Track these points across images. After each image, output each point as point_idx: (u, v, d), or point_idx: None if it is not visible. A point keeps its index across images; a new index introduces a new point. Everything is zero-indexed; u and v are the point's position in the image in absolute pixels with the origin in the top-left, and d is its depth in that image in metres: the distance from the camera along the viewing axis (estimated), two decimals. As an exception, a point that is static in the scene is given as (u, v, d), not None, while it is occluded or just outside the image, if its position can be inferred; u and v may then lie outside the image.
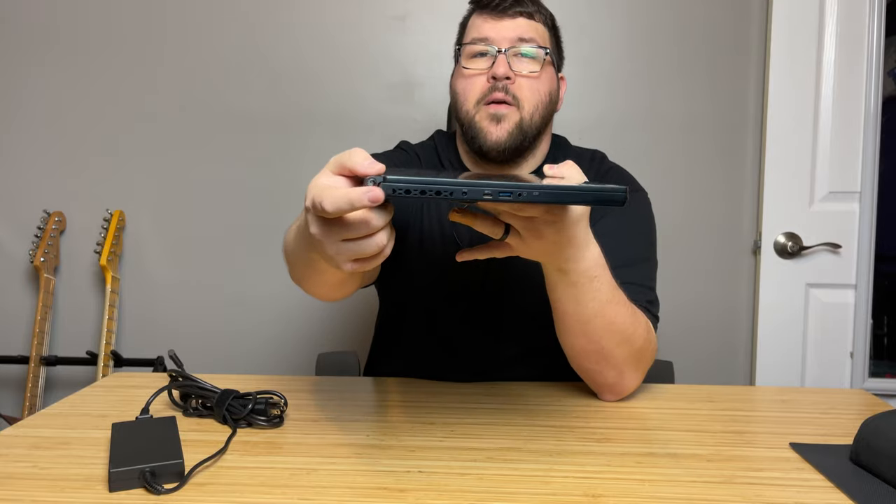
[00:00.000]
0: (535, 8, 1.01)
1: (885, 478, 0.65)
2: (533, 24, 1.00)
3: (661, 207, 1.71)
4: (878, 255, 1.66)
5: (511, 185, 0.59)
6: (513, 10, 0.99)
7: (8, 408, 1.86)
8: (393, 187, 0.56)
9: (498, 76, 0.96)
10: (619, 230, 1.00)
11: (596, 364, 0.88)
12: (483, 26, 1.00)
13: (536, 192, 0.59)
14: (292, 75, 1.77)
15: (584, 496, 0.62)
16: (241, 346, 1.83)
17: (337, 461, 0.70)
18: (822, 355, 1.67)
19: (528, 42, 0.98)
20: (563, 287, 0.82)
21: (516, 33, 0.98)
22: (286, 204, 1.79)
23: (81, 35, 1.79)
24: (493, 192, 0.58)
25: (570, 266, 0.79)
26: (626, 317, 0.86)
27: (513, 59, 0.98)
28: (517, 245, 0.76)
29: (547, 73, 1.00)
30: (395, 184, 0.56)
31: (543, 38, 1.01)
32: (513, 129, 0.97)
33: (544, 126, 1.02)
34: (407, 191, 0.57)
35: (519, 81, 0.97)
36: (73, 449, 0.73)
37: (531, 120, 0.98)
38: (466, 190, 0.58)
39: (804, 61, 1.63)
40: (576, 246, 0.77)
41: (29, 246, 1.83)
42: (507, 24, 0.99)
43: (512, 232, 0.76)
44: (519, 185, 0.59)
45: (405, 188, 0.57)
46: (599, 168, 1.09)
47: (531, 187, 0.59)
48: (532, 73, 0.98)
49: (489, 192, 0.58)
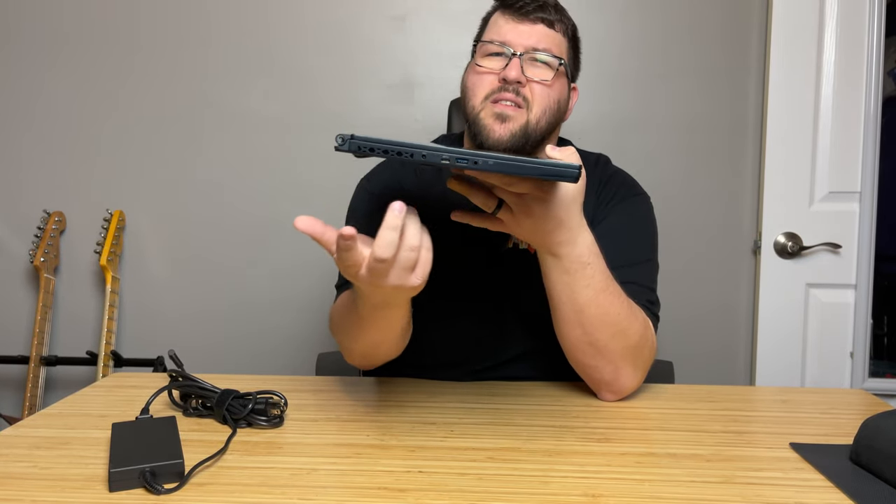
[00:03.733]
0: (557, 17, 1.00)
1: (885, 478, 0.65)
2: (552, 33, 0.99)
3: (662, 208, 1.71)
4: (878, 255, 1.66)
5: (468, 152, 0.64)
6: (535, 14, 0.98)
7: (8, 408, 1.86)
8: (359, 145, 0.65)
9: (509, 80, 0.95)
10: (621, 231, 1.01)
11: (592, 359, 0.88)
12: (503, 27, 0.99)
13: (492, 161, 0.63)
14: (292, 75, 1.77)
15: (584, 496, 0.62)
16: (241, 346, 1.83)
17: (337, 461, 0.70)
18: (822, 355, 1.67)
19: (543, 50, 0.97)
20: (558, 274, 0.84)
21: (533, 40, 0.97)
22: (286, 204, 1.79)
23: (82, 36, 1.79)
24: (450, 158, 0.64)
25: (564, 251, 0.82)
26: (620, 308, 0.86)
27: (526, 63, 0.97)
28: (508, 221, 0.80)
29: (559, 82, 1.00)
30: (361, 142, 0.65)
31: (560, 48, 1.00)
32: (517, 131, 0.97)
33: (550, 133, 1.02)
34: (371, 149, 0.65)
35: (530, 86, 0.97)
36: (73, 449, 0.73)
37: (537, 124, 0.98)
38: (426, 153, 0.64)
39: (804, 61, 1.63)
40: (567, 228, 0.80)
41: (29, 246, 1.83)
42: (526, 28, 0.98)
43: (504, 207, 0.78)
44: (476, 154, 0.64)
45: (369, 146, 0.65)
46: (604, 171, 1.10)
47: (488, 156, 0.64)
48: (544, 81, 0.97)
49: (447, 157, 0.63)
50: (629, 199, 1.06)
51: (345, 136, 0.65)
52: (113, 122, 1.80)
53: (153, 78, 1.79)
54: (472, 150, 0.65)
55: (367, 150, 0.65)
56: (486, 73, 0.98)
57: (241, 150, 1.79)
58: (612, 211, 1.04)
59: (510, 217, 0.79)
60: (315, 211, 1.77)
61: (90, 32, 1.78)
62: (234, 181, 1.79)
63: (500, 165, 0.63)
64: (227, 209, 1.80)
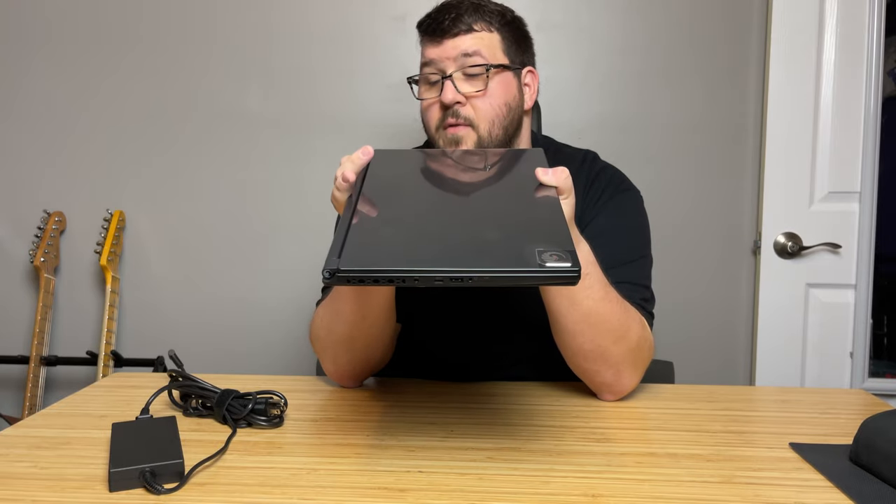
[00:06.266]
0: (475, 17, 0.98)
1: (885, 478, 0.65)
2: (475, 37, 0.97)
3: (662, 207, 1.72)
4: (878, 255, 1.65)
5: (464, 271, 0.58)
6: (452, 30, 0.97)
7: (8, 408, 1.86)
8: (347, 278, 0.58)
9: (446, 104, 0.96)
10: (611, 230, 1.00)
11: (593, 364, 0.88)
12: (428, 51, 1.00)
13: (487, 276, 0.59)
14: (292, 75, 1.77)
15: (584, 496, 0.62)
16: (241, 346, 1.83)
17: (337, 461, 0.70)
18: (822, 355, 1.67)
19: (472, 56, 0.96)
20: (558, 288, 0.82)
21: (457, 52, 0.97)
22: (286, 203, 1.79)
23: (82, 35, 1.79)
24: (443, 279, 0.58)
25: None
26: (619, 313, 0.86)
27: (459, 81, 0.97)
28: None
29: (499, 84, 0.98)
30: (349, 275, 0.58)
31: (490, 47, 0.98)
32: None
33: (514, 131, 1.02)
34: (361, 280, 0.58)
35: (471, 102, 0.97)
36: (73, 449, 0.73)
37: (490, 136, 0.98)
38: (418, 278, 0.58)
39: (804, 61, 1.63)
40: None
41: (29, 246, 1.83)
42: (448, 45, 0.97)
43: None
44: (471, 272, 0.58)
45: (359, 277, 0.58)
46: (591, 168, 1.08)
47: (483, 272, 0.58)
48: (479, 92, 0.97)
49: (440, 278, 0.58)
50: (617, 196, 1.05)
51: (331, 269, 0.58)
52: (113, 122, 1.80)
53: (153, 78, 1.79)
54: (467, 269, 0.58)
55: (357, 281, 0.58)
56: (431, 104, 1.00)
57: (241, 150, 1.79)
58: (601, 210, 1.03)
59: None
60: (315, 211, 1.77)
61: (90, 32, 1.78)
62: (235, 181, 1.80)
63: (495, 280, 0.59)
64: (228, 209, 1.80)
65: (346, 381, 0.98)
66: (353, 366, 0.96)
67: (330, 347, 0.95)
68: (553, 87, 1.67)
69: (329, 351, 0.96)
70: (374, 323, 0.92)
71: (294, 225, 1.79)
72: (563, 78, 1.70)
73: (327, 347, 0.95)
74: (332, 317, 0.93)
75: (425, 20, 1.00)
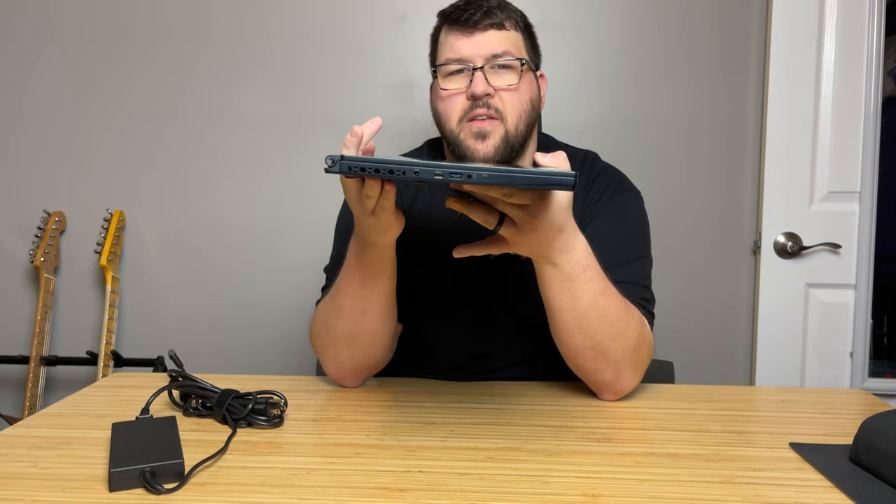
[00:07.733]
0: (504, 15, 0.98)
1: (885, 478, 0.65)
2: (505, 35, 0.97)
3: (661, 208, 1.72)
4: (878, 255, 1.65)
5: (462, 166, 0.62)
6: (483, 23, 0.96)
7: (8, 408, 1.86)
8: (349, 165, 0.63)
9: (478, 95, 0.95)
10: (612, 231, 1.00)
11: (593, 362, 0.88)
12: (456, 44, 0.98)
13: (486, 173, 0.61)
14: (292, 75, 1.77)
15: (584, 496, 0.62)
16: (241, 346, 1.83)
17: (337, 461, 0.70)
18: (822, 355, 1.67)
19: (503, 55, 0.96)
20: (559, 282, 0.83)
21: (489, 48, 0.96)
22: (286, 203, 1.79)
23: (82, 36, 1.79)
24: (443, 173, 0.61)
25: (564, 257, 0.81)
26: (619, 309, 0.86)
27: (490, 74, 0.96)
28: (512, 236, 0.78)
29: (526, 81, 0.98)
30: (352, 162, 0.63)
31: (518, 46, 0.99)
32: (499, 144, 0.96)
33: (530, 132, 1.02)
34: (362, 168, 0.63)
35: (500, 95, 0.96)
36: (73, 449, 0.73)
37: (516, 131, 0.97)
38: (418, 170, 0.62)
39: (804, 61, 1.63)
40: (566, 234, 0.79)
41: (29, 246, 1.83)
42: (478, 39, 0.96)
43: (507, 222, 0.77)
44: (469, 167, 0.62)
45: (360, 166, 0.63)
46: (591, 169, 1.08)
47: (482, 169, 0.62)
48: (511, 86, 0.96)
49: (440, 172, 0.61)
50: (617, 196, 1.05)
51: (335, 157, 0.63)
52: (113, 122, 1.80)
53: (153, 78, 1.79)
54: (465, 164, 0.63)
55: (358, 170, 0.63)
56: (453, 95, 0.97)
57: (241, 150, 1.79)
58: (601, 210, 1.03)
59: (513, 232, 0.77)
60: (314, 211, 1.77)
61: (91, 32, 1.78)
62: (234, 181, 1.79)
63: (494, 178, 0.61)
64: (227, 209, 1.80)
65: (347, 381, 0.98)
66: (353, 364, 0.96)
67: (330, 345, 0.95)
68: (553, 87, 1.67)
69: (329, 349, 0.96)
70: (375, 319, 0.92)
71: (294, 225, 1.79)
72: (563, 78, 1.70)
73: (328, 345, 0.95)
74: (333, 313, 0.93)
75: (453, 11, 0.99)
